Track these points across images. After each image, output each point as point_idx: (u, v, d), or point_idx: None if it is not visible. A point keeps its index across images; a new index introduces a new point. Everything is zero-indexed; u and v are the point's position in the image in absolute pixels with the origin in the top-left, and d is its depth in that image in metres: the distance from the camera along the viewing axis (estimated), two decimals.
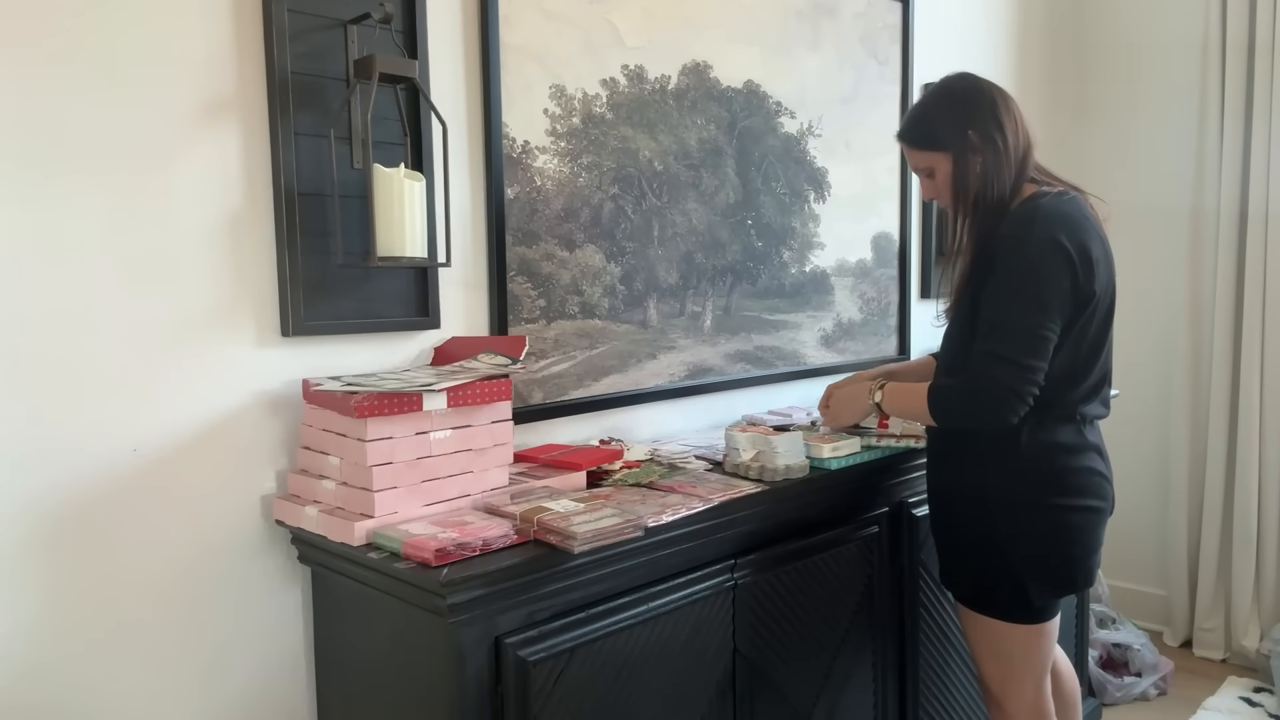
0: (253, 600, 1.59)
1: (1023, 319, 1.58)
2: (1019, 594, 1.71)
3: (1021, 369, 1.57)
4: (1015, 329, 1.58)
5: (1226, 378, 3.22)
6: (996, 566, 1.72)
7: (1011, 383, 1.57)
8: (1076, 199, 1.69)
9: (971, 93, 1.73)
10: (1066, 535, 1.69)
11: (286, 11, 1.54)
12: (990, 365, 1.59)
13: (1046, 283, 1.58)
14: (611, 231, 2.07)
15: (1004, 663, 1.78)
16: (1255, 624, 3.20)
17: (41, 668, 1.39)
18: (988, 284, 1.63)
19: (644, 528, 1.48)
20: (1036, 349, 1.58)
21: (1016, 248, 1.61)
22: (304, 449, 1.58)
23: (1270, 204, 3.09)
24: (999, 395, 1.57)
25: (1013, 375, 1.57)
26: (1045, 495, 1.68)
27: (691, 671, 1.63)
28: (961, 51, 3.11)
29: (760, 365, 2.46)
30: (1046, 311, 1.58)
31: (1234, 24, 3.12)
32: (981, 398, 1.60)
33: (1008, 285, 1.60)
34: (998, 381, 1.58)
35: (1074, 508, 1.69)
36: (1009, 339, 1.58)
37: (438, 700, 1.37)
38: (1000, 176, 1.68)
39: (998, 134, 1.68)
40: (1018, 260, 1.60)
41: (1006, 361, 1.57)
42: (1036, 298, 1.58)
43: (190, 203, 1.48)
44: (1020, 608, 1.73)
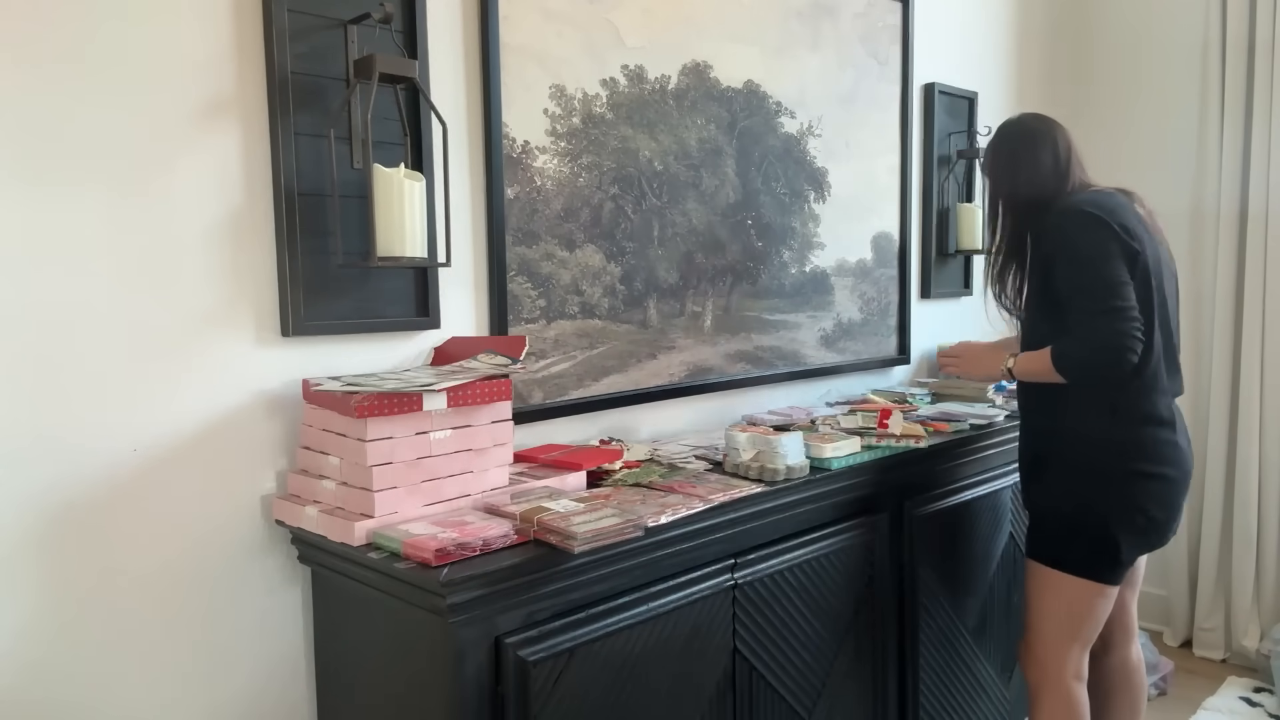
0: (253, 600, 1.59)
1: (1096, 275, 1.77)
2: (1109, 550, 1.89)
3: (1116, 311, 1.74)
4: (1093, 286, 1.77)
5: (1226, 378, 3.22)
6: (1087, 527, 1.89)
7: (1117, 324, 1.73)
8: (1114, 193, 1.92)
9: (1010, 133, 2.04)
10: (1152, 498, 1.88)
11: (286, 11, 1.54)
12: (1089, 321, 1.76)
13: (1096, 242, 1.80)
14: (611, 231, 2.07)
15: (1064, 622, 1.95)
16: (1255, 624, 3.20)
17: (41, 667, 1.39)
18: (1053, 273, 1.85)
19: (644, 528, 1.48)
20: (1119, 292, 1.75)
21: (1062, 230, 1.85)
22: (304, 449, 1.58)
23: (1270, 204, 3.10)
24: (1110, 338, 1.73)
25: (1114, 318, 1.74)
26: (1130, 463, 1.87)
27: (691, 671, 1.63)
28: (961, 51, 3.11)
29: (760, 365, 2.46)
30: (1109, 262, 1.78)
31: (1234, 24, 3.12)
32: (1097, 348, 1.75)
33: (1068, 260, 1.82)
34: (1103, 330, 1.74)
35: (1154, 475, 1.88)
36: (1092, 296, 1.76)
37: (438, 700, 1.37)
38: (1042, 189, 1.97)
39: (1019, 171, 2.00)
40: (1064, 237, 1.83)
41: (1100, 313, 1.75)
42: (1095, 254, 1.78)
43: (190, 203, 1.48)
44: (1104, 564, 1.91)
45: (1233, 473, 3.24)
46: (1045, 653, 1.98)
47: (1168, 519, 1.91)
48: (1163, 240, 1.95)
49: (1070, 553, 1.93)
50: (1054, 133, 1.99)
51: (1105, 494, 1.88)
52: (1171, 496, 1.90)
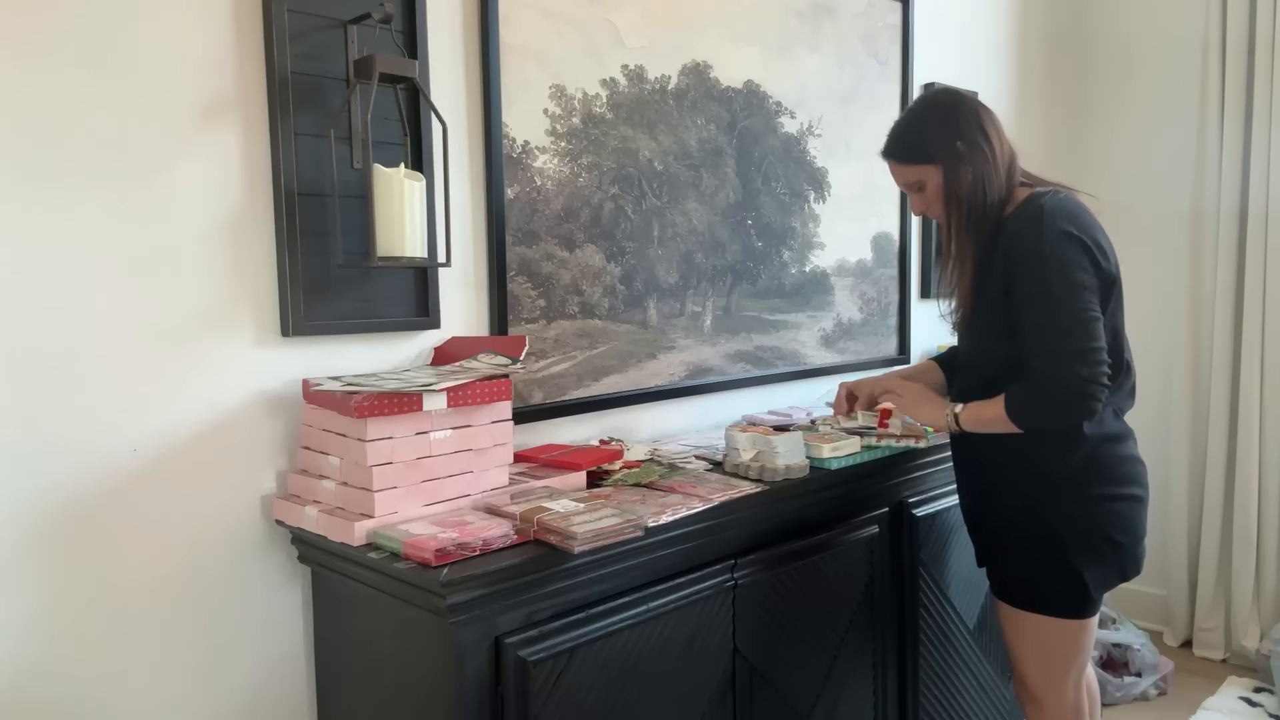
0: (253, 600, 1.59)
1: (1066, 308, 1.58)
2: (1075, 587, 1.72)
3: (1086, 354, 1.56)
4: (1063, 320, 1.58)
5: (1226, 378, 3.22)
6: (1051, 562, 1.73)
7: (1085, 371, 1.56)
8: (1072, 195, 1.71)
9: (955, 103, 1.76)
10: (1116, 524, 1.71)
11: (286, 11, 1.54)
12: (1055, 361, 1.57)
13: (1073, 270, 1.59)
14: (611, 231, 2.07)
15: (1049, 661, 1.80)
16: (1255, 624, 3.20)
17: (41, 667, 1.39)
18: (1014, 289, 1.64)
19: (644, 528, 1.48)
20: (1090, 331, 1.57)
21: (1033, 246, 1.61)
22: (304, 449, 1.58)
23: (1270, 204, 3.09)
24: (1078, 387, 1.56)
25: (1082, 363, 1.56)
26: (1093, 485, 1.70)
27: (691, 671, 1.63)
28: (961, 51, 3.11)
29: (760, 365, 2.46)
30: (1084, 295, 1.59)
31: (1234, 24, 3.12)
32: (1058, 393, 1.58)
33: (1039, 283, 1.60)
34: (1072, 373, 1.56)
35: (1121, 496, 1.71)
36: (1063, 334, 1.57)
37: (438, 700, 1.37)
38: (992, 182, 1.70)
39: (984, 141, 1.71)
40: (1038, 256, 1.61)
41: (1069, 352, 1.56)
42: (1070, 285, 1.58)
43: (190, 203, 1.48)
44: (1074, 602, 1.74)
45: (1233, 473, 3.24)
46: (1039, 693, 1.84)
47: (1134, 542, 1.74)
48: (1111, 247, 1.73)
49: (1038, 592, 1.76)
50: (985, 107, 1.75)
51: (1064, 523, 1.70)
52: (1134, 517, 1.74)
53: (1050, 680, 1.82)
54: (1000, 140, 1.73)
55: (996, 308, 1.69)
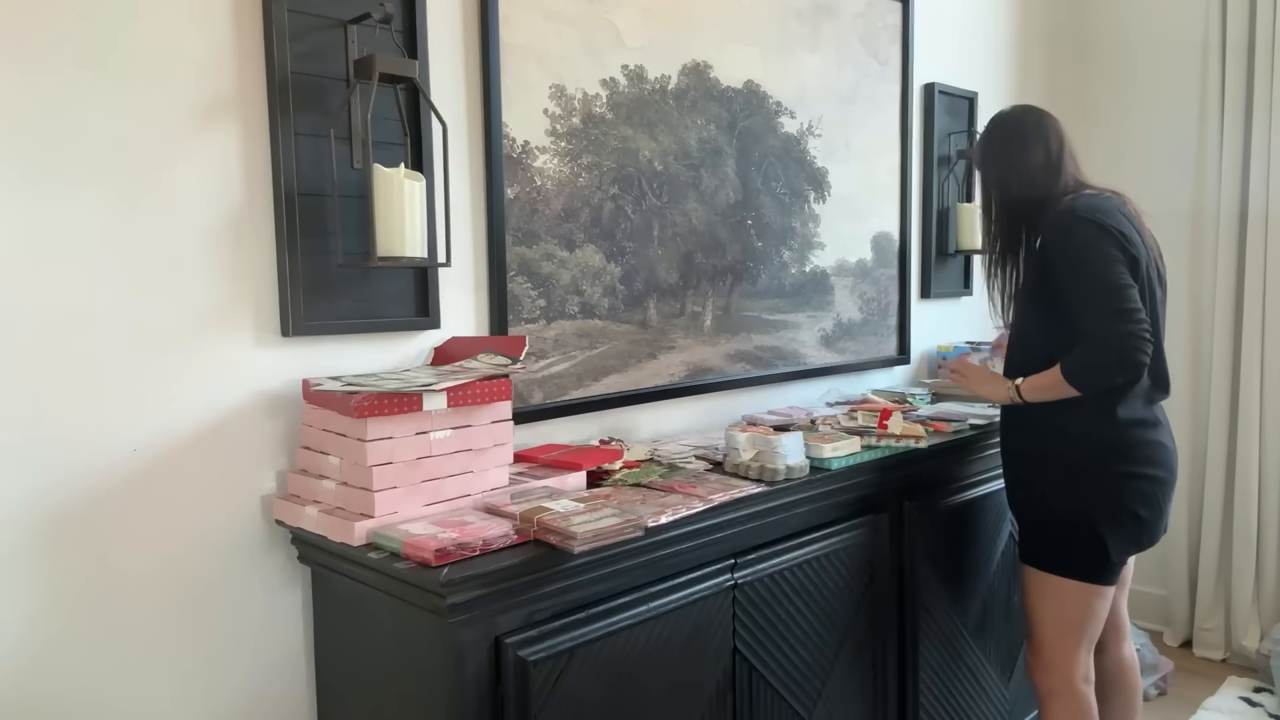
0: (253, 600, 1.59)
1: (1101, 281, 1.77)
2: (1098, 551, 1.90)
3: (1122, 313, 1.74)
4: (1099, 292, 1.77)
5: (1226, 378, 3.22)
6: (1076, 529, 1.90)
7: (1124, 328, 1.73)
8: (1110, 196, 1.92)
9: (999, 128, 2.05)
10: (1139, 499, 1.88)
11: (286, 11, 1.54)
12: (1098, 327, 1.76)
13: (1101, 249, 1.79)
14: (611, 231, 2.07)
15: (1067, 624, 1.96)
16: (1255, 624, 3.20)
17: (41, 666, 1.39)
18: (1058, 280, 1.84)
19: (644, 528, 1.48)
20: (1126, 295, 1.75)
21: (1063, 236, 1.84)
22: (304, 449, 1.58)
23: (1270, 204, 3.09)
24: (1117, 341, 1.74)
25: (1121, 322, 1.74)
26: (1120, 464, 1.88)
27: (691, 671, 1.63)
28: (961, 52, 3.11)
29: (760, 365, 2.46)
30: (1114, 266, 1.78)
31: (1234, 24, 3.12)
32: (1105, 354, 1.75)
33: (1074, 268, 1.81)
34: (1113, 333, 1.74)
35: (1145, 476, 1.89)
36: (1099, 301, 1.76)
37: (438, 700, 1.37)
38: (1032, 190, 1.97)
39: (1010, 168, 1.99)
40: (1069, 245, 1.83)
41: (1108, 317, 1.75)
42: (1100, 261, 1.78)
43: (190, 202, 1.48)
44: (1096, 566, 1.91)
45: (1233, 473, 3.24)
46: (1052, 657, 1.98)
47: (1155, 518, 1.91)
48: (1153, 241, 1.94)
49: (1063, 556, 1.93)
50: (1045, 126, 1.98)
51: (1092, 496, 1.88)
52: (1158, 496, 1.91)
53: (1064, 644, 1.97)
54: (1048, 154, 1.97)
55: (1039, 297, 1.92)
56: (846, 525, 1.96)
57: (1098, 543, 1.88)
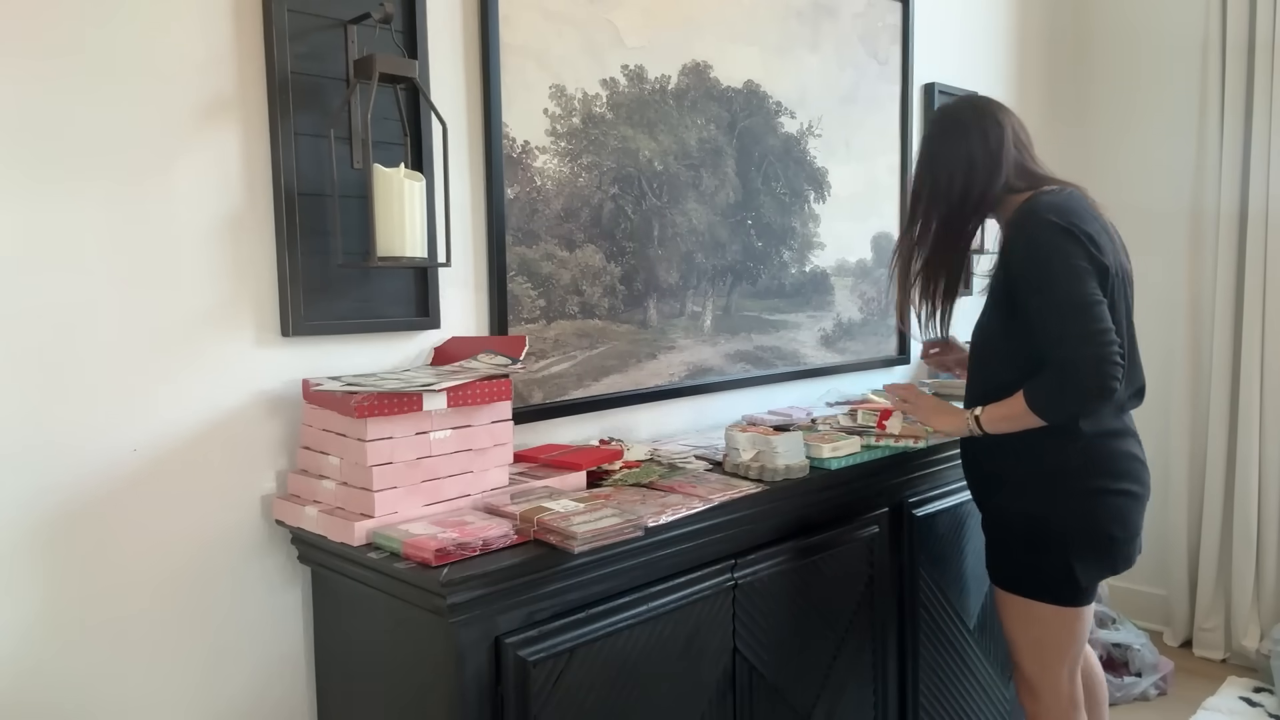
0: (253, 600, 1.59)
1: (1070, 298, 1.62)
2: (1066, 575, 1.77)
3: (1093, 335, 1.60)
4: (1069, 310, 1.62)
5: (1226, 378, 3.22)
6: (1044, 549, 1.78)
7: (1093, 350, 1.59)
8: (1072, 192, 1.76)
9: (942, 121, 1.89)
10: (1108, 517, 1.76)
11: (286, 11, 1.54)
12: (1066, 351, 1.61)
13: (1070, 259, 1.64)
14: (611, 231, 2.07)
15: (1043, 649, 1.85)
16: (1255, 624, 3.20)
17: (41, 667, 1.39)
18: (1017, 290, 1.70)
19: (644, 528, 1.48)
20: (1096, 315, 1.61)
21: (1027, 245, 1.68)
22: (304, 449, 1.58)
23: (1270, 204, 3.09)
24: (1087, 367, 1.59)
25: (1090, 344, 1.59)
26: (1089, 479, 1.75)
27: (691, 671, 1.63)
28: (961, 52, 3.11)
29: (760, 365, 2.46)
30: (1084, 281, 1.63)
31: (1234, 24, 3.12)
32: (1075, 379, 1.61)
33: (1038, 283, 1.66)
34: (1082, 358, 1.60)
35: (1115, 491, 1.76)
36: (1070, 320, 1.61)
37: (438, 700, 1.37)
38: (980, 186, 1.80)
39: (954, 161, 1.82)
40: (1034, 254, 1.67)
41: (1078, 339, 1.60)
42: (1067, 275, 1.63)
43: (190, 202, 1.48)
44: (1065, 589, 1.79)
45: (1233, 473, 3.24)
46: (1037, 684, 1.88)
47: (1128, 537, 1.79)
48: (1117, 236, 1.79)
49: (1034, 579, 1.82)
50: (986, 116, 1.81)
51: (1062, 514, 1.76)
52: (1133, 514, 1.79)
53: (1045, 668, 1.87)
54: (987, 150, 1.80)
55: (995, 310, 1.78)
56: (846, 525, 1.96)
57: (1065, 566, 1.76)
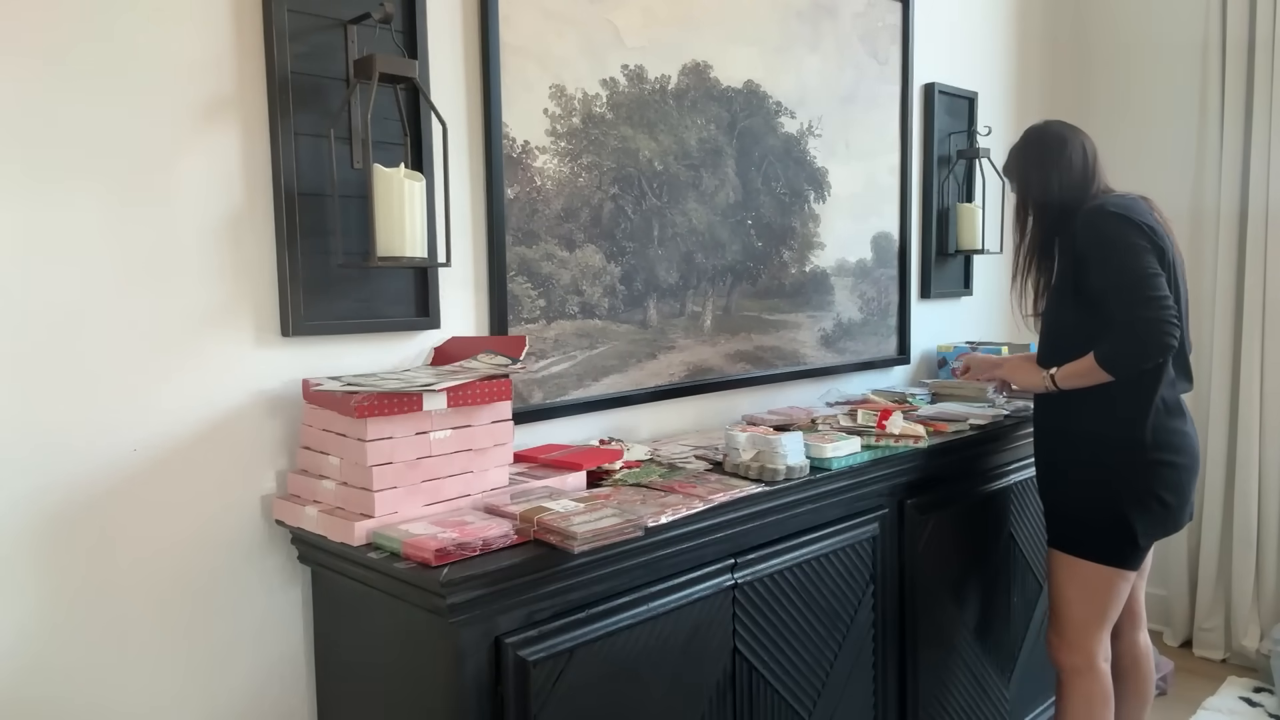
0: (253, 600, 1.59)
1: (1130, 271, 1.87)
2: (1125, 535, 1.99)
3: (1151, 300, 1.83)
4: (1128, 280, 1.86)
5: (1226, 378, 3.22)
6: (1109, 514, 1.99)
7: (1153, 313, 1.83)
8: (1138, 199, 2.02)
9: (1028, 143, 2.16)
10: (1166, 484, 1.98)
11: (286, 11, 1.54)
12: (1128, 314, 1.85)
13: (1129, 239, 1.90)
14: (611, 231, 2.07)
15: (1091, 607, 2.06)
16: (1255, 624, 3.20)
17: (41, 667, 1.39)
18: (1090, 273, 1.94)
19: (644, 528, 1.48)
20: (1153, 284, 1.85)
21: (1095, 231, 1.94)
22: (304, 449, 1.58)
23: (1270, 204, 3.09)
24: (1151, 330, 1.83)
25: (1150, 308, 1.83)
26: (1150, 451, 1.97)
27: (691, 671, 1.63)
28: (961, 52, 3.11)
29: (760, 365, 2.46)
30: (1142, 256, 1.88)
31: (1234, 24, 3.12)
32: (1140, 338, 1.84)
33: (1103, 259, 1.91)
34: (1143, 319, 1.83)
35: (1172, 463, 1.98)
36: (1128, 289, 1.86)
37: (438, 700, 1.37)
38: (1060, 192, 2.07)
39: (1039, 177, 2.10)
40: (1099, 238, 1.93)
41: (1138, 304, 1.84)
42: (1127, 251, 1.89)
43: (190, 202, 1.48)
44: (1122, 550, 2.01)
45: (1233, 473, 3.24)
46: (1076, 638, 2.08)
47: (1180, 503, 2.01)
48: (1177, 244, 2.02)
49: (1089, 540, 2.03)
50: (1081, 139, 2.10)
51: (1120, 482, 1.98)
52: (1182, 482, 2.00)
53: (1089, 626, 2.07)
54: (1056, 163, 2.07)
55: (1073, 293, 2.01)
56: (846, 525, 1.96)
57: (1124, 526, 1.98)
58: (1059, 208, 2.07)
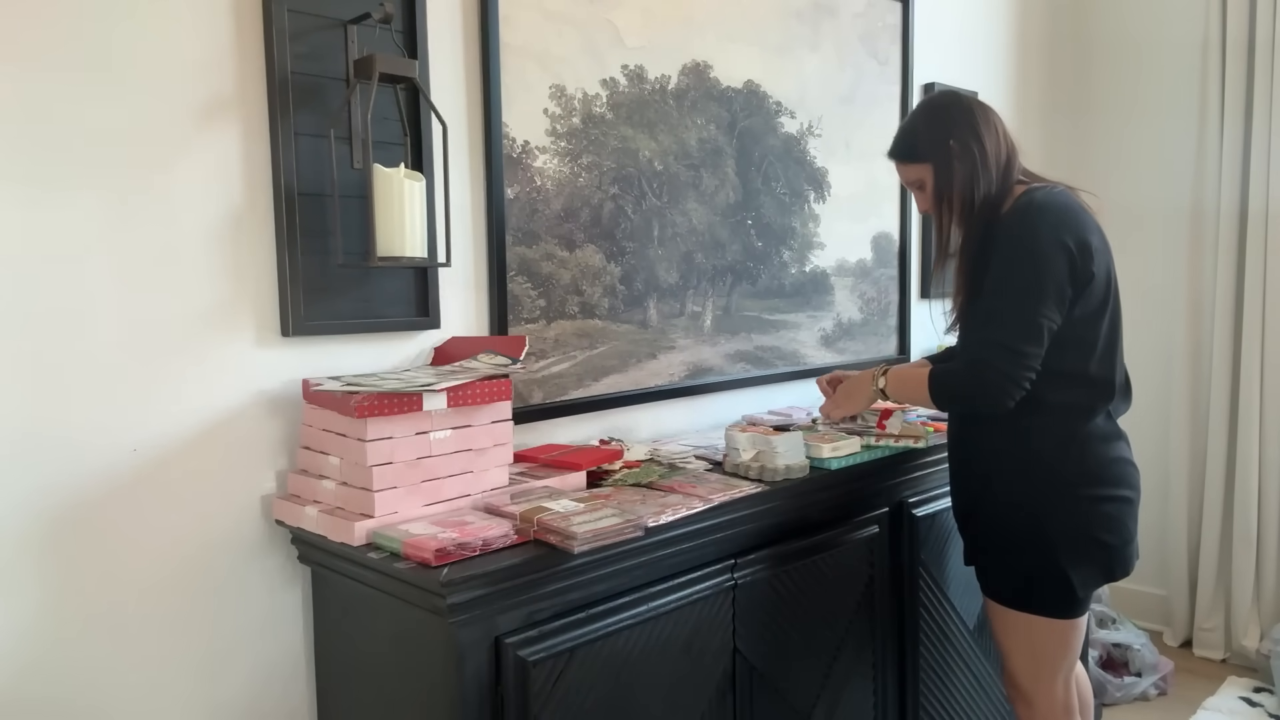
0: (253, 600, 1.59)
1: (1021, 306, 1.61)
2: (1062, 586, 1.73)
3: (1017, 355, 1.60)
4: (1012, 316, 1.61)
5: (1226, 378, 3.22)
6: (1040, 561, 1.73)
7: (1008, 369, 1.60)
8: (1066, 192, 1.73)
9: (949, 105, 1.80)
10: (1104, 524, 1.71)
11: (286, 11, 1.54)
12: (987, 351, 1.62)
13: (1044, 270, 1.61)
14: (611, 231, 2.07)
15: (1038, 660, 1.81)
16: (1255, 624, 3.20)
17: (41, 667, 1.39)
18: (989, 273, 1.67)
19: (644, 528, 1.48)
20: (1032, 335, 1.61)
21: (1015, 239, 1.65)
22: (304, 449, 1.58)
23: (1270, 204, 3.09)
24: (996, 381, 1.61)
25: (1009, 361, 1.60)
26: (1083, 486, 1.70)
27: (691, 671, 1.63)
28: (961, 52, 3.11)
29: (760, 365, 2.46)
30: (1043, 299, 1.61)
31: (1234, 24, 3.12)
32: (980, 383, 1.64)
33: (1006, 274, 1.64)
34: (995, 368, 1.61)
35: (1109, 497, 1.72)
36: (1006, 325, 1.62)
37: (438, 700, 1.37)
38: (980, 180, 1.73)
39: (974, 142, 1.73)
40: (1015, 250, 1.64)
41: (1002, 347, 1.61)
42: (1034, 286, 1.61)
43: (190, 202, 1.48)
44: (1062, 601, 1.75)
45: (1233, 473, 3.24)
46: (1030, 692, 1.85)
47: (1122, 544, 1.73)
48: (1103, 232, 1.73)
49: (1026, 591, 1.76)
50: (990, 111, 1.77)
51: (1053, 522, 1.71)
52: (1127, 520, 1.74)
53: (1039, 678, 1.83)
54: (996, 139, 1.75)
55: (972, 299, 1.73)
56: (846, 525, 1.96)
57: (1061, 577, 1.71)
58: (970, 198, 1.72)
